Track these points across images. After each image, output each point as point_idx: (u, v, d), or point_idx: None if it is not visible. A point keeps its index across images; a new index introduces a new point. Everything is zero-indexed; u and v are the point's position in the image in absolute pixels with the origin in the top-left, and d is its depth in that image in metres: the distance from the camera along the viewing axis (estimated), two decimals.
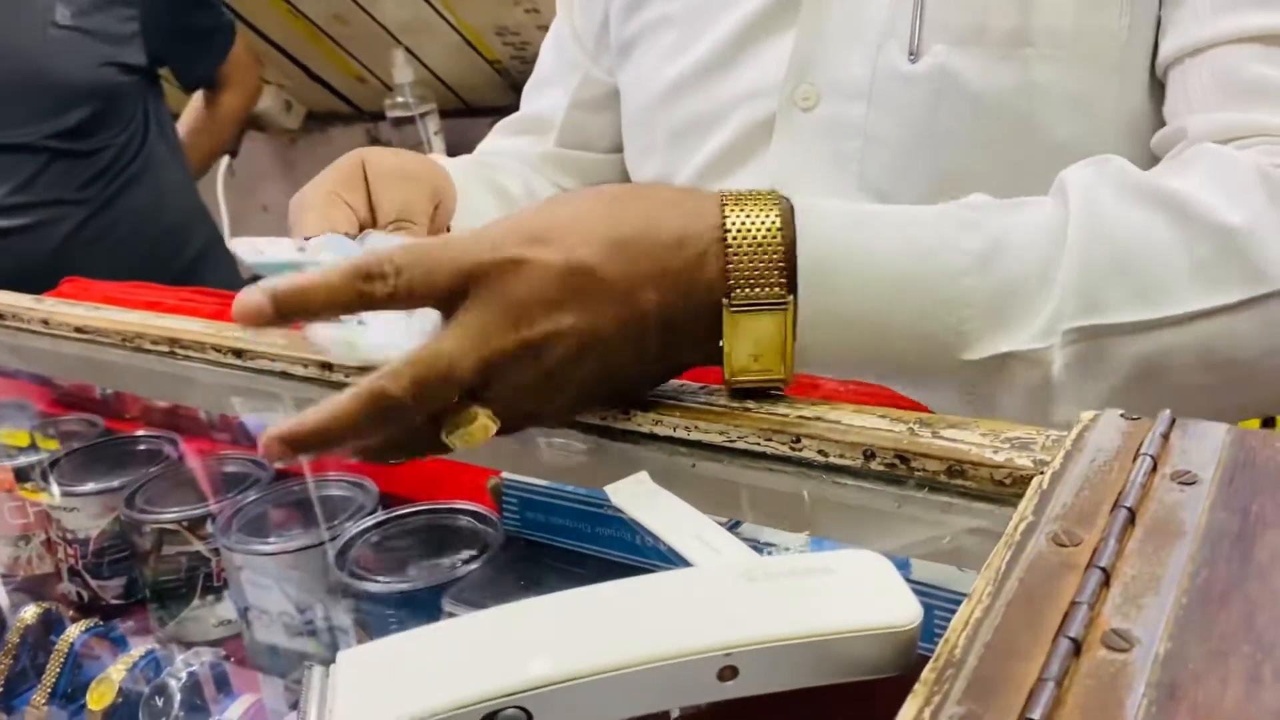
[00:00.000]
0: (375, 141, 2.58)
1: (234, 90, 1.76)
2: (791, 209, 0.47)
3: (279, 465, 0.44)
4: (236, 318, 0.42)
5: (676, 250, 0.46)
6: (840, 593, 0.32)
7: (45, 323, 0.79)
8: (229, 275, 1.72)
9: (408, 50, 2.14)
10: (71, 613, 0.82)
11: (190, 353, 0.69)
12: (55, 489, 0.81)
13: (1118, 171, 0.51)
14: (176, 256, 1.57)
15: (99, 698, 0.73)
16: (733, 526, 0.55)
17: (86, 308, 0.79)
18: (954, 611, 0.31)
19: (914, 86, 0.65)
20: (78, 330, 0.76)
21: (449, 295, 0.44)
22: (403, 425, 0.44)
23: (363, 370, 0.57)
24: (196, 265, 1.60)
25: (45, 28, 1.38)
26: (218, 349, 0.67)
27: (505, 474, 0.64)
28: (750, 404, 0.49)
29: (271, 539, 0.70)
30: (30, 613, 0.81)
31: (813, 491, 0.47)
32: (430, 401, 0.43)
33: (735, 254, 0.46)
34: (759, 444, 0.47)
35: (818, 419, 0.47)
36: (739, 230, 0.46)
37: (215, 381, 0.70)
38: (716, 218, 0.46)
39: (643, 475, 0.45)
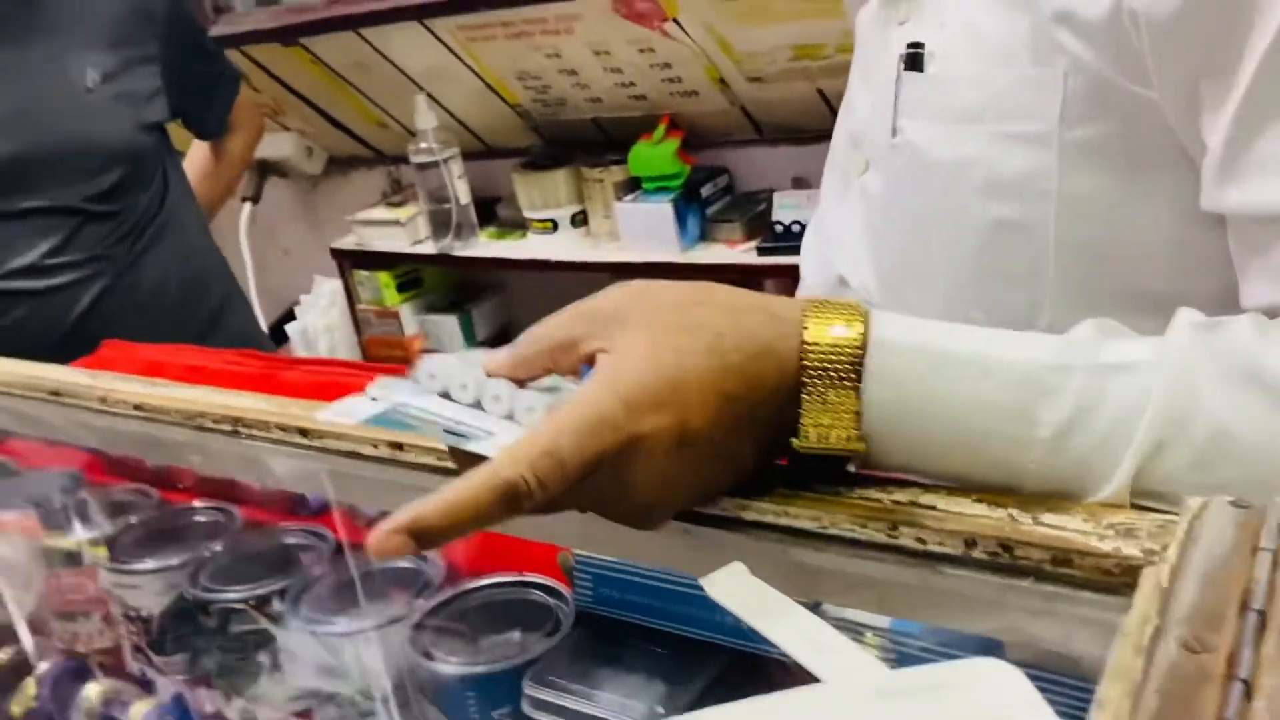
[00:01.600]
0: (397, 185, 2.59)
1: (241, 134, 1.77)
2: (864, 348, 0.46)
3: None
4: (378, 555, 0.42)
5: (772, 399, 0.46)
6: (978, 712, 0.32)
7: (103, 400, 0.79)
8: (248, 321, 1.73)
9: (429, 96, 2.16)
10: (136, 689, 0.82)
11: (255, 431, 0.69)
12: (115, 567, 0.81)
13: (1229, 342, 0.46)
14: (201, 306, 1.58)
15: None
16: (814, 606, 0.55)
17: (143, 384, 0.79)
18: (1065, 700, 0.31)
19: (895, 159, 0.67)
20: (136, 408, 0.76)
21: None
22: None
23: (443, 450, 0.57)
24: (220, 312, 1.62)
25: (79, 94, 1.40)
26: (283, 428, 0.67)
27: (576, 550, 0.63)
28: (842, 488, 0.48)
29: (339, 619, 0.70)
30: (94, 691, 0.81)
31: (911, 579, 0.46)
32: (548, 498, 0.44)
33: (809, 406, 0.46)
34: (854, 530, 0.47)
35: (913, 504, 0.46)
36: (816, 374, 0.46)
37: (280, 459, 0.69)
38: (797, 363, 0.46)
39: (738, 566, 0.45)
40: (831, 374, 0.46)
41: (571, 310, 0.48)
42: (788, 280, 1.98)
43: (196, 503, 0.88)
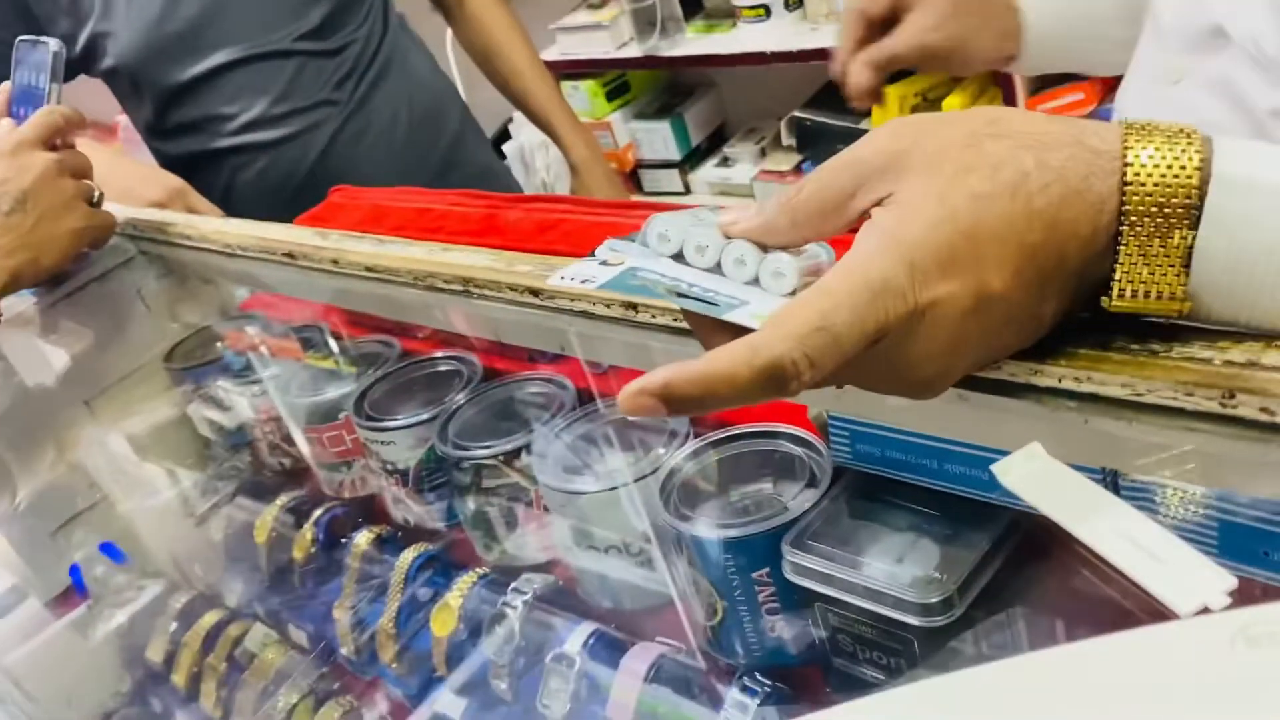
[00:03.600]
0: None
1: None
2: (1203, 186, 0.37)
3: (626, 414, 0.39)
4: (626, 413, 0.38)
5: (1081, 251, 0.38)
6: None
7: (335, 262, 0.78)
8: (485, 155, 1.67)
9: None
10: (400, 535, 0.85)
11: (486, 291, 0.67)
12: (367, 423, 0.83)
13: None
14: (435, 143, 1.53)
15: (442, 624, 0.76)
16: (1110, 479, 0.48)
17: (372, 242, 0.78)
18: None
19: None
20: (368, 269, 0.76)
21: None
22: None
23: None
24: (455, 148, 1.56)
25: None
26: (513, 288, 0.65)
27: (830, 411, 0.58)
28: (1157, 345, 0.41)
29: (586, 476, 0.69)
30: (364, 538, 0.85)
31: (1248, 454, 0.39)
32: (818, 379, 0.38)
33: (1127, 257, 0.38)
34: (1176, 399, 0.39)
35: (1253, 365, 0.38)
36: (1137, 226, 0.37)
37: (511, 319, 0.67)
38: (1117, 203, 0.38)
39: (1035, 448, 0.39)
40: (1159, 219, 0.37)
41: (834, 163, 0.41)
42: None
43: (438, 353, 0.88)
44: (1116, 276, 0.38)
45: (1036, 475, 0.38)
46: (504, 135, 2.53)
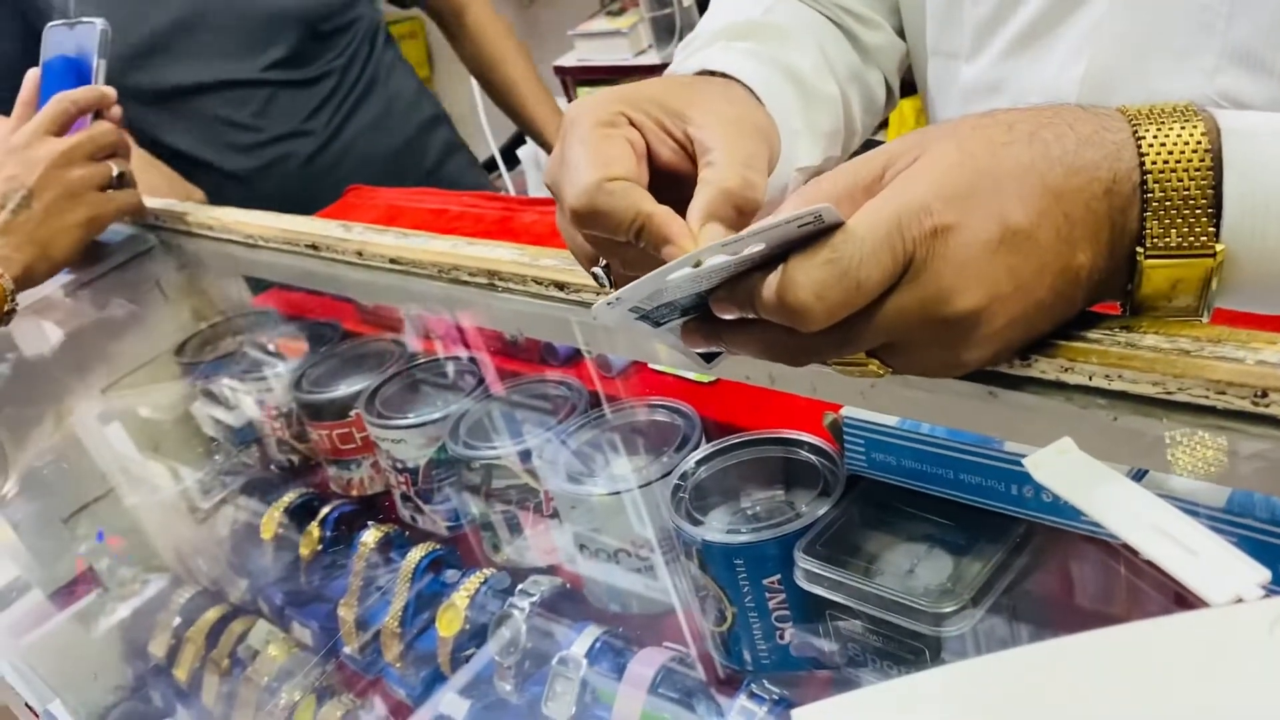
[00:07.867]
0: None
1: (474, 6, 1.56)
2: (1216, 131, 0.39)
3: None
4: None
5: (1106, 200, 0.39)
6: None
7: (359, 254, 0.78)
8: (474, 179, 1.60)
9: None
10: (408, 534, 0.85)
11: (511, 284, 0.66)
12: (377, 421, 0.82)
13: None
14: (412, 169, 1.48)
15: (447, 624, 0.75)
16: (1138, 476, 0.47)
17: (396, 235, 0.78)
18: None
19: None
20: (393, 261, 0.76)
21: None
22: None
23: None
24: (435, 174, 1.50)
25: None
26: (539, 281, 0.64)
27: (846, 410, 0.57)
28: (1186, 343, 0.40)
29: (599, 478, 0.68)
30: (371, 536, 0.84)
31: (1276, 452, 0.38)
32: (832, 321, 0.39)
33: (1155, 200, 0.39)
34: (1207, 397, 0.39)
35: None
36: (1161, 170, 0.39)
37: (534, 313, 0.67)
38: (1134, 154, 0.39)
39: (1067, 442, 0.38)
40: (1180, 172, 0.38)
41: (863, 155, 0.42)
42: None
43: (449, 354, 0.88)
44: (1148, 225, 0.39)
45: (1068, 469, 0.38)
46: (520, 139, 2.53)
